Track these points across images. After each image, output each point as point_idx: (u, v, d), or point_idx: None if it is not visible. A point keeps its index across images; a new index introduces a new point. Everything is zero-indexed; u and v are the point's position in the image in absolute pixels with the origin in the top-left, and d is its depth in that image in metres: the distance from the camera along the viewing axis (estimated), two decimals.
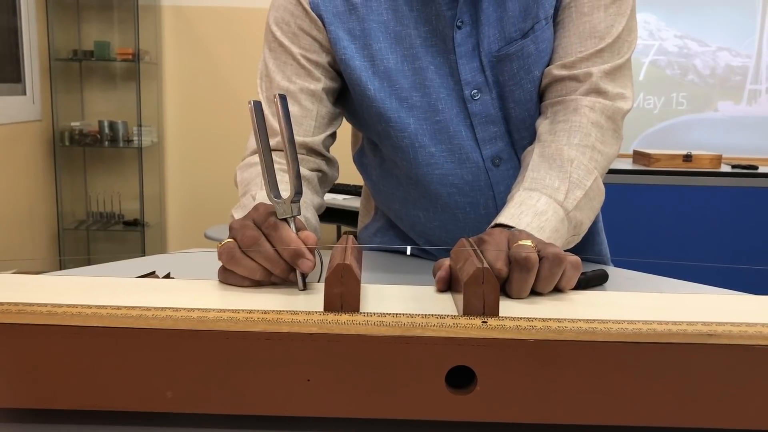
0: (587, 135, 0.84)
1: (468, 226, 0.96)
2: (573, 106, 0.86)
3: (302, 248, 0.58)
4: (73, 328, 0.47)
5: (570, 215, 0.78)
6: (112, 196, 3.54)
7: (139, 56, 3.28)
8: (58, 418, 0.50)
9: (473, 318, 0.50)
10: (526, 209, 0.75)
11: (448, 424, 0.50)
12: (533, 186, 0.79)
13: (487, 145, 0.92)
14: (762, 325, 0.51)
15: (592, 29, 0.86)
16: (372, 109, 0.90)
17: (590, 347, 0.47)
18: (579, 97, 0.86)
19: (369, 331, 0.47)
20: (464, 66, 0.89)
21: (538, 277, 0.59)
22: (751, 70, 3.48)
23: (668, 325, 0.50)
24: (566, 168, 0.81)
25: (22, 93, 3.14)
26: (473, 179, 0.93)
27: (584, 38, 0.86)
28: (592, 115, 0.85)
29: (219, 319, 0.49)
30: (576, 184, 0.80)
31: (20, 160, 3.17)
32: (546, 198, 0.77)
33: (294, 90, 0.90)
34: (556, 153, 0.83)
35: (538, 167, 0.82)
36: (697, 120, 3.52)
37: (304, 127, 0.90)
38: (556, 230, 0.75)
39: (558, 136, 0.85)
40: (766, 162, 3.14)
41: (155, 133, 3.53)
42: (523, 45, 0.87)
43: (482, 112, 0.91)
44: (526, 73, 0.89)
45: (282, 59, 0.91)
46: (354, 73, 0.89)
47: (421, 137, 0.91)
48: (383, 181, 1.02)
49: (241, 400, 0.48)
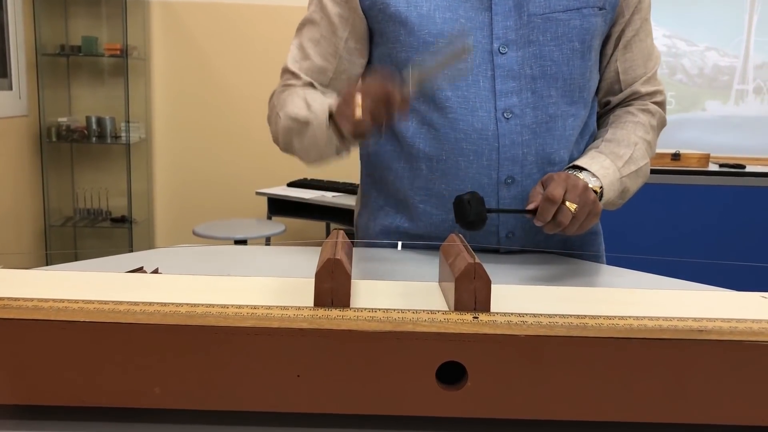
0: (647, 132, 1.06)
1: (468, 177, 1.01)
2: (642, 108, 1.08)
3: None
4: (59, 323, 0.46)
5: (622, 180, 0.99)
6: (99, 192, 3.52)
7: (127, 52, 3.26)
8: (45, 415, 0.49)
9: (464, 313, 0.50)
10: (596, 162, 0.98)
11: (439, 420, 0.50)
12: (603, 150, 1.01)
13: (503, 98, 0.99)
14: (752, 321, 0.51)
15: (649, 53, 1.08)
16: (400, 54, 1.00)
17: (581, 343, 0.47)
18: (649, 104, 1.09)
19: (359, 326, 0.47)
20: (498, 23, 0.98)
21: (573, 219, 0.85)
22: (739, 70, 3.50)
23: (659, 321, 0.50)
24: (631, 147, 1.02)
25: (8, 88, 3.11)
26: (482, 128, 0.99)
27: (646, 59, 1.08)
28: (653, 120, 1.08)
29: (208, 314, 0.48)
30: (633, 160, 1.01)
31: (6, 156, 3.14)
32: (609, 161, 0.99)
33: (328, 70, 1.04)
34: (624, 136, 1.04)
35: (609, 142, 1.03)
36: (685, 119, 3.54)
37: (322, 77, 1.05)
38: (612, 183, 0.97)
39: (627, 125, 1.06)
40: (753, 161, 3.16)
41: (143, 129, 3.50)
42: (571, 16, 0.99)
43: (506, 65, 0.99)
44: (567, 41, 0.99)
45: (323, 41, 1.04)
46: (389, 21, 0.99)
47: (440, 80, 0.99)
48: (389, 139, 1.07)
49: (231, 396, 0.48)
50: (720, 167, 2.91)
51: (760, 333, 0.48)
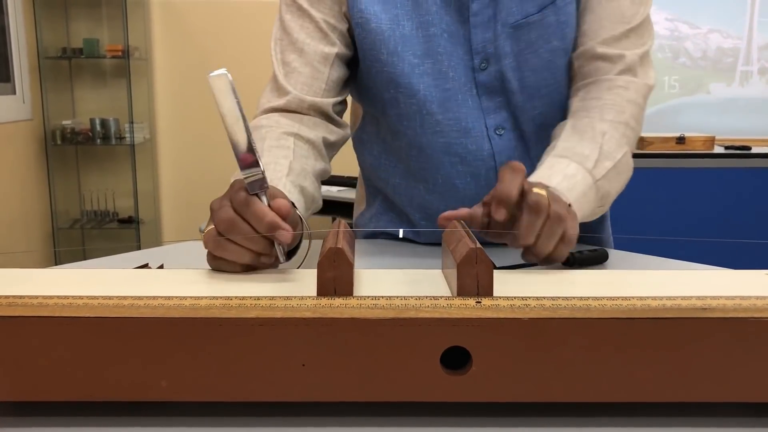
0: (621, 112, 0.87)
1: (467, 198, 0.96)
2: (607, 85, 0.89)
3: (276, 220, 0.58)
4: (64, 319, 0.47)
5: (598, 184, 0.80)
6: (105, 193, 3.53)
7: (129, 52, 3.27)
8: (52, 410, 0.50)
9: (467, 299, 0.50)
10: (556, 172, 0.78)
11: (445, 405, 0.50)
12: (564, 153, 0.82)
13: (492, 114, 0.94)
14: (756, 298, 0.50)
15: (621, 15, 0.89)
16: (383, 74, 0.91)
17: (585, 324, 0.47)
18: (613, 77, 0.89)
19: (363, 314, 0.47)
20: (477, 36, 0.91)
21: (539, 234, 0.62)
22: (743, 52, 3.48)
23: (663, 300, 0.50)
24: (597, 140, 0.83)
25: (11, 92, 3.12)
26: (477, 148, 0.94)
27: (614, 22, 0.89)
28: (626, 94, 0.88)
29: (212, 306, 0.48)
30: (606, 156, 0.82)
31: (12, 160, 3.15)
32: (575, 164, 0.80)
33: (309, 51, 0.90)
34: (588, 126, 0.86)
35: (569, 138, 0.85)
36: (690, 102, 3.52)
37: (314, 88, 0.91)
38: (584, 194, 0.77)
39: (591, 111, 0.88)
40: (758, 142, 3.14)
41: (147, 129, 3.51)
42: (543, 15, 0.89)
43: (488, 82, 0.93)
44: (544, 42, 0.90)
45: (299, 22, 0.91)
46: (369, 36, 0.90)
47: (429, 104, 0.92)
48: (384, 155, 1.03)
49: (237, 387, 0.48)
50: (725, 149, 2.89)
51: (764, 309, 0.48)
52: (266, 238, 0.59)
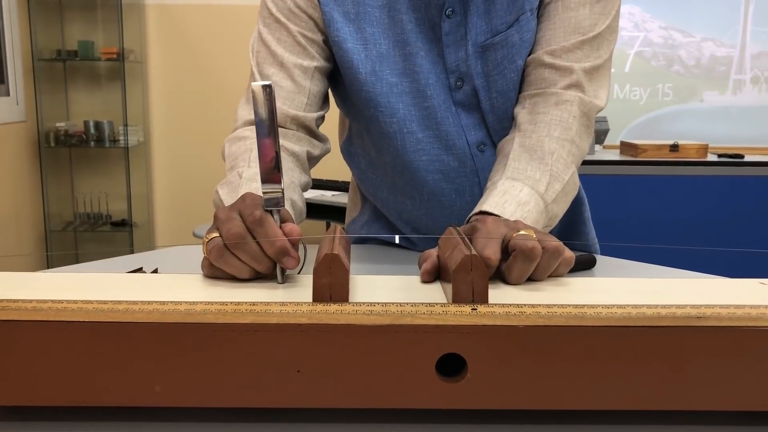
0: (568, 129, 0.85)
1: (454, 214, 0.96)
2: (554, 100, 0.87)
3: (287, 246, 0.57)
4: (58, 324, 0.46)
5: (548, 207, 0.80)
6: (99, 196, 3.52)
7: (124, 55, 3.26)
8: (45, 416, 0.49)
9: (463, 305, 0.50)
10: (510, 198, 0.77)
11: (440, 412, 0.50)
12: (515, 176, 0.81)
13: (472, 131, 0.94)
14: (750, 307, 0.51)
15: (577, 25, 0.87)
16: (362, 93, 0.91)
17: (580, 332, 0.47)
18: (560, 91, 0.87)
19: (358, 320, 0.47)
20: (450, 55, 0.90)
21: (537, 266, 0.59)
22: (736, 60, 3.50)
23: (658, 308, 0.50)
24: (547, 160, 0.82)
25: (5, 94, 3.11)
26: (459, 165, 0.94)
27: (569, 32, 0.87)
28: (573, 110, 0.86)
29: (207, 311, 0.48)
30: (555, 177, 0.82)
31: (5, 162, 3.14)
32: (528, 189, 0.79)
33: (288, 65, 0.89)
34: (537, 144, 0.84)
35: (519, 157, 0.83)
36: (683, 110, 3.54)
37: (296, 102, 0.90)
38: (536, 222, 0.76)
39: (539, 127, 0.86)
40: (751, 151, 3.16)
41: (141, 132, 3.51)
42: (507, 34, 0.89)
43: (464, 100, 0.92)
44: (509, 62, 0.90)
45: (277, 35, 0.90)
46: (346, 55, 0.89)
47: (410, 123, 0.91)
48: (371, 169, 1.02)
49: (231, 393, 0.48)
50: (719, 157, 2.91)
51: (758, 318, 0.48)
52: (271, 259, 0.58)
